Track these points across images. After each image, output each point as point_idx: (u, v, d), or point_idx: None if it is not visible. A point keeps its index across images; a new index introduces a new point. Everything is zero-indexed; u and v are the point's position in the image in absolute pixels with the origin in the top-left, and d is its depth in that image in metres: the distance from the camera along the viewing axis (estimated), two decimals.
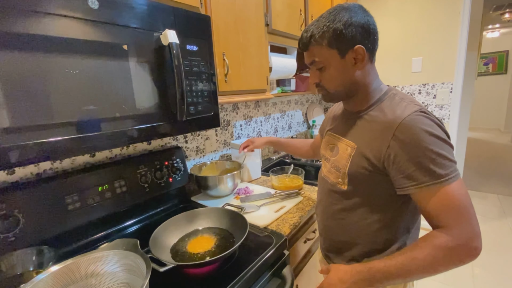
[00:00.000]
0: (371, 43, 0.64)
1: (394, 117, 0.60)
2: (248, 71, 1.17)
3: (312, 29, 0.65)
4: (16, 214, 0.70)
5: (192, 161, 1.32)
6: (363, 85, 0.68)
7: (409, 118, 0.58)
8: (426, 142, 0.55)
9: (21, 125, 0.52)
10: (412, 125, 0.57)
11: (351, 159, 0.68)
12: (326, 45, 0.64)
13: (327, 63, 0.66)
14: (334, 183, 0.74)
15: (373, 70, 0.69)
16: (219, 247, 0.77)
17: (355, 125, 0.71)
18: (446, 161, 0.55)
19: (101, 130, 0.64)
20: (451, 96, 2.06)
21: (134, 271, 0.60)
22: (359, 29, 0.62)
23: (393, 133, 0.59)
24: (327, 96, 0.72)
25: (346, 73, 0.66)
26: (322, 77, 0.69)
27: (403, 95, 0.66)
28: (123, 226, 0.95)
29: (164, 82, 0.76)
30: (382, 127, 0.62)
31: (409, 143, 0.57)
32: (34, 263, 0.67)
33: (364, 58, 0.64)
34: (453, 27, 1.98)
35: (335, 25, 0.62)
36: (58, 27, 0.55)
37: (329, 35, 0.63)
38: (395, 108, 0.63)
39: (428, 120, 0.58)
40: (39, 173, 0.82)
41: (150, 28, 0.72)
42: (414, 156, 0.56)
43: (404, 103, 0.63)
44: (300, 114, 2.31)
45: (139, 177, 0.98)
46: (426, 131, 0.56)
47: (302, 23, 1.52)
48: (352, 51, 0.63)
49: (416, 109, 0.59)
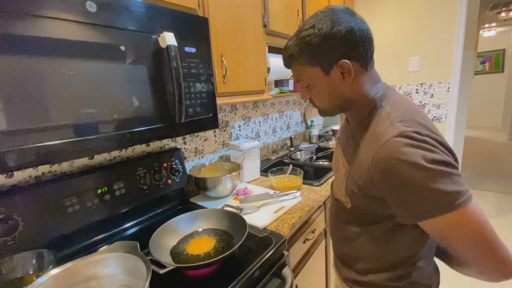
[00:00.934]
0: (359, 51, 0.56)
1: (374, 141, 0.54)
2: (246, 72, 1.18)
3: (291, 46, 0.59)
4: (15, 217, 0.70)
5: (191, 162, 1.32)
6: (359, 98, 0.61)
7: (384, 146, 0.50)
8: (403, 176, 0.47)
9: (19, 128, 0.52)
10: (387, 154, 0.49)
11: (345, 181, 0.64)
12: (307, 63, 0.58)
13: (312, 81, 0.60)
14: (340, 200, 0.70)
15: (370, 77, 0.60)
16: (219, 248, 0.77)
17: (350, 141, 0.65)
18: (433, 195, 0.46)
19: (99, 132, 0.64)
20: (448, 95, 2.08)
21: (134, 274, 0.60)
22: (340, 41, 0.54)
23: (371, 162, 0.52)
24: (321, 112, 0.68)
25: (335, 90, 0.59)
26: (312, 94, 0.63)
27: (392, 107, 0.57)
28: (122, 228, 0.95)
29: (162, 84, 0.77)
30: (364, 152, 0.57)
31: (386, 176, 0.50)
32: (34, 266, 0.67)
33: (351, 72, 0.56)
34: (449, 26, 1.99)
35: (312, 41, 0.55)
36: (56, 30, 0.55)
37: (308, 52, 0.57)
38: (376, 128, 0.55)
39: (408, 148, 0.48)
40: (38, 176, 0.82)
41: (148, 30, 0.72)
42: (393, 189, 0.50)
43: (388, 121, 0.54)
44: (298, 114, 2.32)
45: (138, 179, 0.98)
46: (403, 161, 0.47)
47: (299, 24, 1.53)
48: (336, 66, 0.56)
49: (398, 132, 0.50)
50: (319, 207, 1.21)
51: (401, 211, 0.52)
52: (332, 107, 0.63)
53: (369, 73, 0.60)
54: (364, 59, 0.58)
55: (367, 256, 0.66)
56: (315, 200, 1.13)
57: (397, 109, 0.56)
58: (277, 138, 2.03)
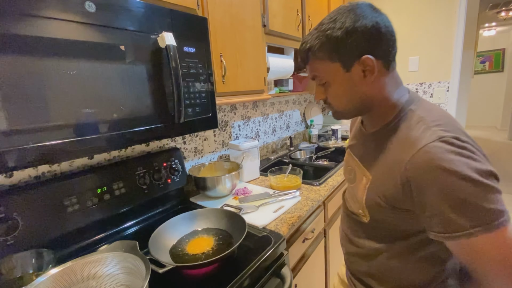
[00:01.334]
0: (383, 48, 0.53)
1: (407, 146, 0.49)
2: (246, 72, 1.18)
3: (310, 40, 0.56)
4: (15, 217, 0.70)
5: (190, 162, 1.32)
6: (379, 100, 0.57)
7: (423, 151, 0.45)
8: (445, 186, 0.43)
9: (18, 128, 0.52)
10: (426, 160, 0.45)
11: (366, 192, 0.59)
12: (327, 58, 0.54)
13: (330, 78, 0.56)
14: (355, 213, 0.65)
15: (392, 79, 0.57)
16: (218, 248, 0.78)
17: (371, 149, 0.60)
18: (474, 210, 0.42)
19: (99, 132, 0.64)
20: (447, 94, 2.08)
21: (134, 273, 0.60)
22: (365, 36, 0.51)
23: (405, 169, 0.48)
24: (336, 114, 0.62)
25: (354, 88, 0.55)
26: (328, 94, 0.59)
27: (425, 111, 0.53)
28: (122, 228, 0.95)
29: (161, 84, 0.77)
30: (394, 158, 0.51)
31: (423, 184, 0.45)
32: (33, 266, 0.67)
33: (375, 69, 0.52)
34: (449, 26, 1.99)
35: (334, 34, 0.52)
36: (55, 30, 0.55)
37: (329, 46, 0.53)
38: (409, 133, 0.50)
39: (450, 154, 0.43)
40: (38, 176, 0.82)
41: (147, 30, 0.72)
42: (429, 200, 0.45)
43: (423, 125, 0.49)
44: (298, 114, 2.32)
45: (138, 179, 0.98)
46: (445, 169, 0.43)
47: (299, 24, 1.53)
48: (358, 63, 0.53)
49: (437, 136, 0.45)
50: (318, 207, 1.21)
51: (435, 226, 0.46)
52: (350, 108, 0.59)
53: (392, 75, 0.57)
54: (388, 58, 0.54)
55: (388, 276, 0.60)
56: (314, 199, 1.13)
57: (430, 113, 0.52)
58: (277, 138, 2.03)
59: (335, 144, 2.06)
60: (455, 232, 0.44)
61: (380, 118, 0.59)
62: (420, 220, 0.50)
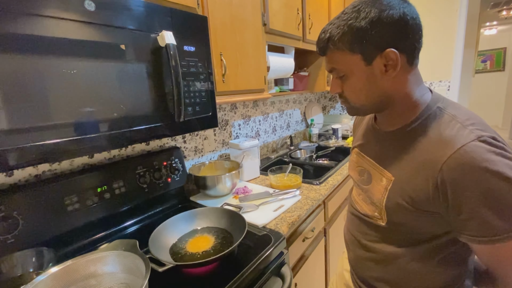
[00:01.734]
0: (409, 43, 0.49)
1: (442, 145, 0.46)
2: (246, 71, 1.18)
3: (331, 29, 0.52)
4: (15, 215, 0.70)
5: (190, 161, 1.32)
6: (400, 98, 0.54)
7: (463, 151, 0.43)
8: (487, 187, 0.41)
9: (19, 127, 0.52)
10: (466, 161, 0.42)
11: (387, 193, 0.55)
12: (347, 50, 0.51)
13: (349, 71, 0.53)
14: (369, 216, 0.62)
15: (414, 76, 0.54)
16: (218, 247, 0.78)
17: (390, 149, 0.57)
18: None
19: (99, 131, 0.64)
20: (448, 94, 2.07)
21: (134, 272, 0.60)
22: (391, 27, 0.47)
23: (440, 169, 0.45)
24: (352, 110, 0.59)
25: (374, 83, 0.52)
26: (345, 87, 0.56)
27: (455, 109, 0.50)
28: (122, 226, 0.95)
29: (161, 83, 0.77)
30: (425, 158, 0.49)
31: (461, 185, 0.43)
32: (34, 264, 0.67)
33: (398, 64, 0.49)
34: (450, 25, 1.99)
35: (358, 24, 0.49)
36: (55, 29, 0.55)
37: (351, 37, 0.50)
38: (443, 132, 0.48)
39: (492, 154, 0.42)
40: (38, 175, 0.83)
41: (147, 29, 0.72)
42: (467, 203, 0.43)
43: (457, 124, 0.47)
44: (299, 113, 2.32)
45: (138, 178, 0.98)
46: (488, 170, 0.41)
47: (299, 22, 1.53)
48: (381, 56, 0.49)
49: (475, 136, 0.44)
50: (318, 206, 1.21)
51: (471, 228, 0.45)
52: (367, 104, 0.56)
53: (414, 72, 0.54)
54: (413, 53, 0.51)
55: (407, 280, 0.58)
56: (314, 199, 1.13)
57: (461, 112, 0.50)
58: (277, 137, 2.03)
59: (335, 143, 2.06)
60: (493, 236, 0.43)
61: (400, 116, 0.56)
62: (447, 223, 0.49)
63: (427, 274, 0.56)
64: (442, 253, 0.54)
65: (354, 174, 0.70)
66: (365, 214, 0.64)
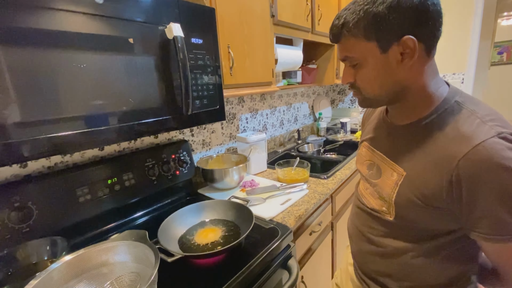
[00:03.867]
0: (428, 30, 0.47)
1: (460, 141, 0.45)
2: (254, 63, 1.16)
3: (345, 15, 0.50)
4: (29, 206, 0.73)
5: (198, 154, 1.33)
6: (415, 89, 0.52)
7: (481, 147, 0.42)
8: (505, 186, 0.41)
9: (32, 119, 0.53)
10: (485, 157, 0.41)
11: (398, 188, 0.54)
12: (362, 36, 0.49)
13: (363, 59, 0.51)
14: (376, 210, 0.61)
15: (431, 67, 0.51)
16: (226, 239, 0.78)
17: (403, 144, 0.56)
18: None
19: (109, 124, 0.65)
20: (462, 87, 2.01)
21: (143, 261, 0.61)
22: (409, 13, 0.45)
23: (457, 165, 0.44)
24: (364, 101, 0.57)
25: (389, 73, 0.50)
26: (358, 77, 0.54)
27: (474, 105, 0.49)
28: (132, 217, 0.97)
29: (169, 75, 0.77)
30: (441, 153, 0.47)
31: (477, 183, 0.42)
32: (48, 252, 0.69)
33: (415, 53, 0.47)
34: (465, 14, 1.91)
35: (375, 9, 0.46)
36: (64, 22, 0.56)
37: (367, 22, 0.47)
38: (461, 127, 0.46)
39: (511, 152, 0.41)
40: (51, 167, 0.85)
41: (155, 21, 0.72)
42: (482, 200, 0.43)
43: (476, 119, 0.46)
44: (306, 107, 2.30)
45: (147, 170, 0.99)
46: (507, 168, 0.40)
47: (308, 14, 1.50)
48: (397, 44, 0.47)
49: (495, 132, 0.42)
50: (326, 200, 1.21)
51: (484, 226, 0.44)
52: (381, 95, 0.54)
53: (431, 63, 0.52)
54: (431, 42, 0.49)
55: (410, 276, 0.57)
56: (322, 193, 1.12)
57: (480, 107, 0.48)
58: (285, 131, 2.02)
59: (344, 137, 2.04)
60: (507, 235, 0.43)
61: (414, 109, 0.54)
62: (457, 220, 0.48)
63: (431, 269, 0.55)
64: (448, 250, 0.54)
65: (362, 168, 0.68)
66: (372, 209, 0.63)
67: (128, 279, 0.61)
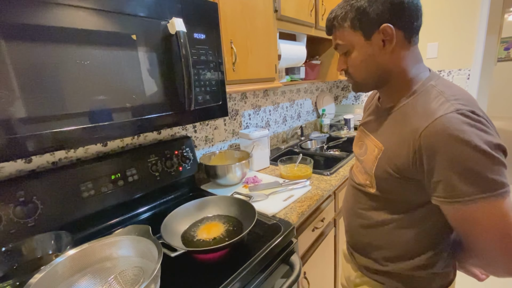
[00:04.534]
0: (405, 20, 0.54)
1: (425, 116, 0.51)
2: (256, 59, 1.16)
3: (336, 11, 0.60)
4: (34, 200, 0.73)
5: (201, 150, 1.34)
6: (396, 73, 0.59)
7: (439, 120, 0.48)
8: (455, 154, 0.46)
9: (36, 115, 0.53)
10: (441, 129, 0.47)
11: (377, 162, 0.61)
12: (349, 27, 0.58)
13: (351, 46, 0.60)
14: (362, 184, 0.69)
15: (412, 54, 0.59)
16: (228, 234, 0.79)
17: (385, 122, 0.63)
18: (478, 178, 0.45)
19: (112, 119, 0.65)
20: (468, 83, 1.98)
21: (147, 256, 0.62)
22: (387, 5, 0.53)
23: (419, 136, 0.50)
24: (355, 85, 0.66)
25: (372, 58, 0.58)
26: (349, 63, 0.63)
27: (445, 87, 0.55)
28: (135, 213, 0.98)
29: (172, 71, 0.77)
30: (410, 127, 0.53)
31: (434, 151, 0.48)
32: (53, 247, 0.70)
33: (393, 39, 0.55)
34: (472, 10, 1.88)
35: (358, 4, 0.56)
36: (67, 17, 0.55)
37: (352, 15, 0.57)
38: (428, 105, 0.53)
39: (465, 125, 0.46)
40: (55, 162, 0.85)
41: (157, 16, 0.71)
42: (438, 166, 0.48)
43: (442, 98, 0.52)
44: (310, 103, 2.28)
45: (150, 166, 1.00)
46: (458, 138, 0.45)
47: (312, 8, 1.48)
48: (378, 31, 0.55)
49: (454, 109, 0.48)
50: (328, 197, 1.20)
51: (440, 190, 0.49)
52: (368, 78, 0.62)
53: (412, 49, 0.59)
54: (409, 30, 0.56)
55: (390, 245, 0.64)
56: (325, 189, 1.12)
57: (450, 89, 0.54)
58: (287, 127, 2.01)
59: (347, 134, 2.03)
60: (457, 198, 0.47)
61: (397, 92, 0.61)
62: (426, 188, 0.53)
63: (410, 241, 0.62)
64: (424, 224, 0.60)
65: (356, 149, 0.76)
66: (359, 183, 0.70)
67: (131, 273, 0.61)
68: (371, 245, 0.68)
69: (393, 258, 0.65)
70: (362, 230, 0.70)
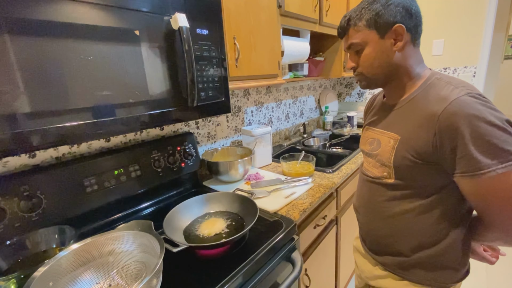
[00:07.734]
0: (413, 23, 0.62)
1: (439, 102, 0.57)
2: (260, 55, 1.15)
3: (350, 14, 0.66)
4: (38, 195, 0.74)
5: (203, 147, 1.34)
6: (404, 69, 0.65)
7: (455, 102, 0.54)
8: (474, 129, 0.51)
9: (40, 110, 0.54)
10: (458, 110, 0.53)
11: (394, 151, 0.65)
12: (364, 26, 0.63)
13: (365, 44, 0.65)
14: (379, 177, 0.71)
15: (416, 54, 0.66)
16: (230, 230, 0.79)
17: (395, 116, 0.68)
18: (496, 150, 0.50)
19: (115, 115, 0.65)
20: (473, 80, 1.96)
21: (149, 251, 0.62)
22: (399, 9, 0.60)
23: (438, 119, 0.55)
24: (365, 81, 0.70)
25: (385, 54, 0.64)
26: (360, 61, 0.67)
27: (450, 78, 0.62)
28: (138, 208, 0.99)
29: (175, 67, 0.76)
30: (426, 113, 0.59)
31: (454, 130, 0.53)
32: (56, 241, 0.71)
33: (404, 38, 0.62)
34: (479, 6, 1.84)
35: (373, 6, 0.62)
36: (71, 12, 0.55)
37: (368, 16, 0.62)
38: (439, 93, 0.58)
39: (477, 104, 0.52)
40: (59, 157, 0.86)
41: (160, 11, 0.71)
42: (460, 144, 0.53)
43: (451, 86, 0.58)
44: (313, 100, 2.27)
45: (153, 162, 1.00)
46: (475, 116, 0.51)
47: (316, 4, 1.46)
48: (391, 31, 0.62)
49: (465, 92, 0.55)
50: (331, 194, 1.20)
51: (462, 165, 0.54)
52: (379, 73, 0.66)
53: (416, 50, 0.66)
54: (415, 33, 0.63)
55: (411, 233, 0.67)
56: (327, 187, 1.12)
57: (455, 80, 0.61)
58: (290, 124, 2.00)
59: (350, 132, 2.02)
60: (478, 170, 0.52)
61: (404, 88, 0.67)
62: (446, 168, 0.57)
63: (430, 226, 0.65)
64: (440, 208, 0.63)
65: (365, 147, 0.79)
66: (375, 177, 0.73)
67: (134, 268, 0.62)
68: (394, 236, 0.70)
69: (416, 248, 0.67)
70: (380, 223, 0.73)
